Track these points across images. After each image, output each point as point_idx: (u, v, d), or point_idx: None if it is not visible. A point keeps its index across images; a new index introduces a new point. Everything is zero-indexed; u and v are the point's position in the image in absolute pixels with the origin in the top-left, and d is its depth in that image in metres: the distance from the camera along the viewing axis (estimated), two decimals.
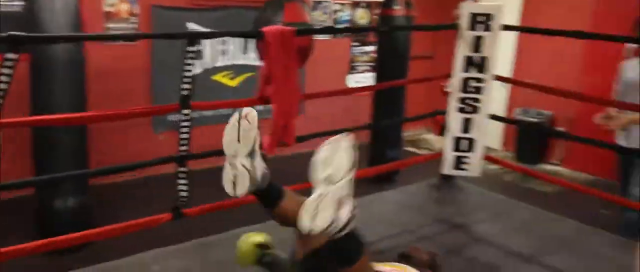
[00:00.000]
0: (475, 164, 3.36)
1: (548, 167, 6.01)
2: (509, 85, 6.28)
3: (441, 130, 3.69)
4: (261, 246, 2.17)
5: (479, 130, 3.27)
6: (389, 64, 4.95)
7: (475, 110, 3.24)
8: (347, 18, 6.24)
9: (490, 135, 6.17)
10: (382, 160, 4.51)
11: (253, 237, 2.19)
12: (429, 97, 5.57)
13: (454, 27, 3.20)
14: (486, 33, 3.12)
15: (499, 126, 6.33)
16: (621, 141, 3.62)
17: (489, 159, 3.74)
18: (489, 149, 6.05)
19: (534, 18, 6.00)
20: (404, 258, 2.25)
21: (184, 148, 2.56)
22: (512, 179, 5.52)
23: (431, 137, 7.06)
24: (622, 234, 3.15)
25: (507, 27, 3.28)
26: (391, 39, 4.98)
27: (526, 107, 6.09)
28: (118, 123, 4.05)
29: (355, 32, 6.38)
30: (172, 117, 4.80)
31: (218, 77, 5.41)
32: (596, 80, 4.94)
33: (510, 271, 2.60)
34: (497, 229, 3.07)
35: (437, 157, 3.56)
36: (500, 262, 2.68)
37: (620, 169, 3.83)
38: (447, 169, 3.41)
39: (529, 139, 6.04)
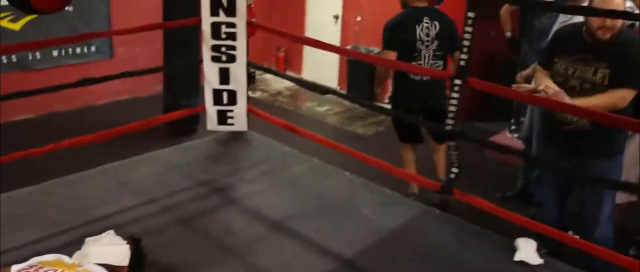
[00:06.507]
0: (240, 118, 3.03)
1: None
2: (340, 23, 6.05)
3: None
4: None
5: (237, 80, 2.91)
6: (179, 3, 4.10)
7: (231, 58, 2.87)
8: None
9: (328, 74, 5.99)
10: (176, 110, 3.88)
11: None
12: None
13: None
14: None
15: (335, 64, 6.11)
16: None
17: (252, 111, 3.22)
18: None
19: None
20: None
21: None
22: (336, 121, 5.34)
23: None
24: None
25: None
26: None
27: (357, 44, 5.87)
28: None
29: None
30: None
31: None
32: None
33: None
34: (258, 189, 2.80)
35: None
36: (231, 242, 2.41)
37: None
38: (211, 124, 3.06)
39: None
